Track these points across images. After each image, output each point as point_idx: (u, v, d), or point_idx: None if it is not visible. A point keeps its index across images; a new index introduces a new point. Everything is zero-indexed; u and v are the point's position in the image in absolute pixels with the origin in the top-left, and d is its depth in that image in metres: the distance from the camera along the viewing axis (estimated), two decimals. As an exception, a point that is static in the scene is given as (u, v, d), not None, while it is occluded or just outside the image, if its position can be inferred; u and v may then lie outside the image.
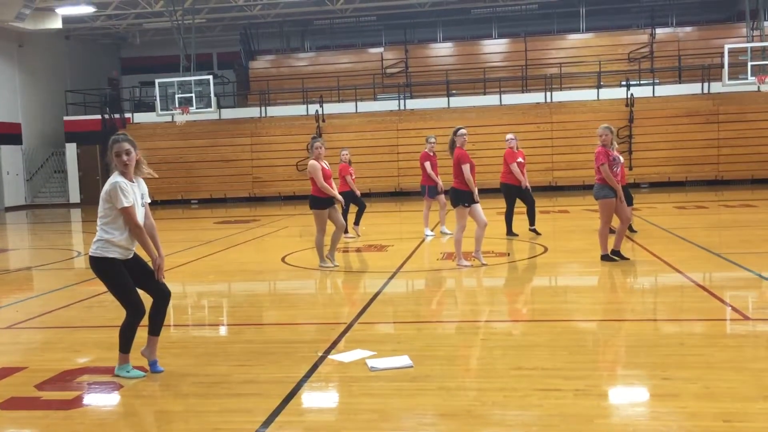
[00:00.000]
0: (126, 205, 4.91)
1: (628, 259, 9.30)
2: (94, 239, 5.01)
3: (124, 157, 4.97)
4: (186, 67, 25.16)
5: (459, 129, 9.32)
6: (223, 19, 29.87)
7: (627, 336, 5.98)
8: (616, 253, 9.30)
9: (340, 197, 9.64)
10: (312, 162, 9.50)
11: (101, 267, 5.00)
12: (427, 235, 12.67)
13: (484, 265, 9.33)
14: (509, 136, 12.30)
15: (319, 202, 9.46)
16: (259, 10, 28.10)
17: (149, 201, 5.25)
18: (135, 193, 5.03)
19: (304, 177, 21.87)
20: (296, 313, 7.34)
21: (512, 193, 12.10)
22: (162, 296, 5.18)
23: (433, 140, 12.82)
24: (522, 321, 6.74)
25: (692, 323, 6.26)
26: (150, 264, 5.15)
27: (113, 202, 4.92)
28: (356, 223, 13.27)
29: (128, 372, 5.11)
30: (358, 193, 13.00)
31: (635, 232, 11.96)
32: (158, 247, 5.18)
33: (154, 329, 5.21)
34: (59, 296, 8.58)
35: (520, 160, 11.98)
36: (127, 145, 5.00)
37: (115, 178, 4.97)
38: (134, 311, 5.05)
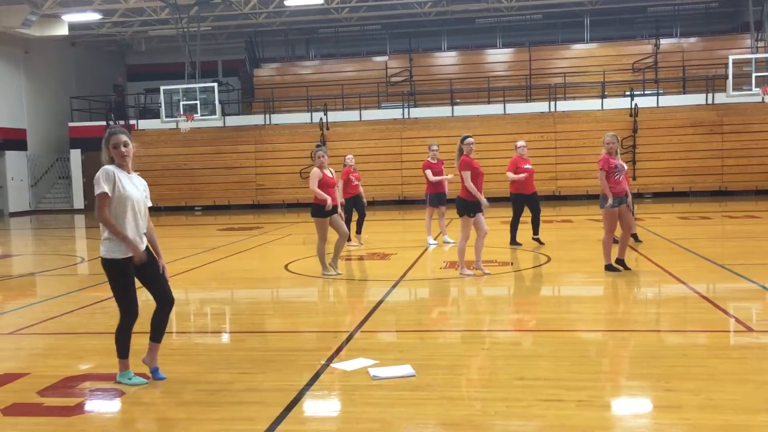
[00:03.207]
0: (102, 191, 4.84)
1: (630, 269, 9.28)
2: (101, 239, 5.00)
3: (123, 149, 4.96)
4: (191, 75, 25.26)
5: (466, 137, 9.29)
6: (228, 26, 29.99)
7: (630, 347, 5.96)
8: (621, 262, 9.27)
9: (329, 202, 9.32)
10: (314, 170, 9.53)
11: (107, 267, 4.98)
12: (429, 244, 12.66)
13: (486, 274, 9.32)
14: (520, 143, 12.29)
15: (321, 210, 9.45)
16: (264, 18, 28.22)
17: (150, 204, 5.23)
18: (131, 183, 4.98)
19: (307, 185, 21.87)
20: (299, 321, 7.34)
21: (520, 202, 12.09)
22: (165, 302, 5.17)
23: (435, 148, 12.82)
24: (525, 331, 6.72)
25: (696, 334, 6.24)
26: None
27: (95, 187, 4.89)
28: (358, 232, 13.27)
29: (130, 379, 5.10)
30: (364, 199, 13.10)
31: (640, 242, 11.94)
32: (158, 252, 5.18)
33: (156, 336, 5.20)
34: (62, 302, 8.59)
35: (527, 166, 11.99)
36: (125, 137, 5.00)
37: (107, 165, 4.95)
38: (128, 314, 5.03)
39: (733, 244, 12.75)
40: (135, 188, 5.01)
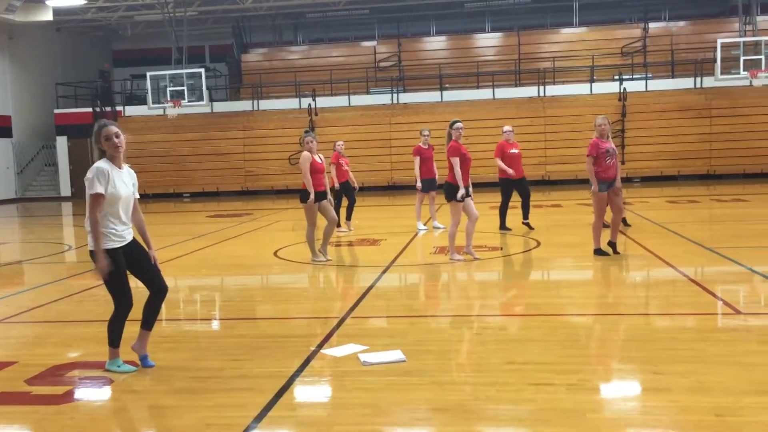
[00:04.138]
0: (97, 191, 4.79)
1: (619, 253, 9.31)
2: (88, 232, 4.94)
3: (115, 140, 4.90)
4: (178, 60, 25.05)
5: (455, 122, 9.27)
6: (215, 11, 29.70)
7: (619, 330, 5.99)
8: (612, 245, 9.28)
9: (311, 192, 9.30)
10: (304, 153, 9.47)
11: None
12: (419, 230, 12.66)
13: (476, 259, 9.33)
14: (507, 128, 12.23)
15: (309, 196, 9.39)
16: (252, 3, 27.97)
17: (138, 197, 5.17)
18: (122, 180, 4.93)
19: (296, 171, 21.77)
20: (289, 308, 7.32)
21: (509, 187, 12.08)
22: (158, 290, 5.14)
23: (426, 133, 12.78)
24: (515, 315, 6.74)
25: (684, 317, 6.27)
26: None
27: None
28: (347, 218, 13.24)
29: (119, 367, 5.08)
30: (355, 184, 13.07)
31: (629, 226, 11.97)
32: (148, 242, 5.15)
33: (147, 323, 5.17)
34: (50, 290, 8.53)
35: (514, 151, 11.96)
36: (115, 128, 4.94)
37: (101, 162, 4.90)
38: (123, 305, 5.01)
39: (721, 228, 12.82)
40: (124, 185, 4.96)
